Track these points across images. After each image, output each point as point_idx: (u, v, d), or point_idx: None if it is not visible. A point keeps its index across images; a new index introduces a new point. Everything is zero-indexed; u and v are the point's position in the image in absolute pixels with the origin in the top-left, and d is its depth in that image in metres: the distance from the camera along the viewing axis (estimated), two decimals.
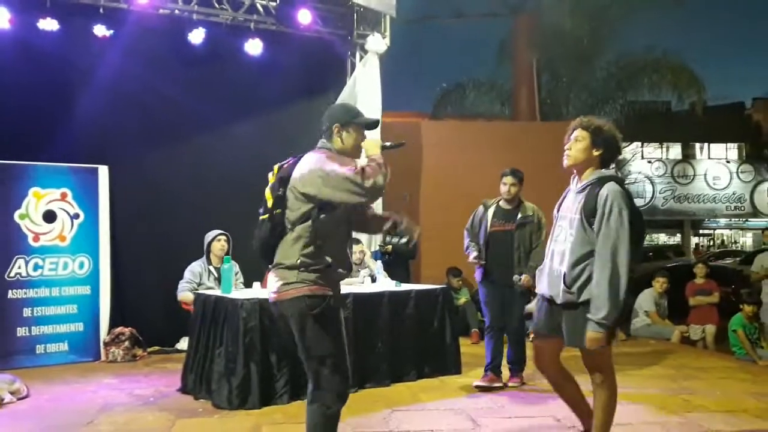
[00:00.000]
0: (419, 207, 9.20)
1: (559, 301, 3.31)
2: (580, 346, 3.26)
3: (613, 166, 3.43)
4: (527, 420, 4.55)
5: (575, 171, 3.40)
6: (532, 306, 3.77)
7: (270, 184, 3.09)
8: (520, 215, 5.38)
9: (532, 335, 5.47)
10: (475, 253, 5.45)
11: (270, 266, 3.08)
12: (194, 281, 6.62)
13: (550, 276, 3.40)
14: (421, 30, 17.65)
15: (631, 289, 3.17)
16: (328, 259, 2.98)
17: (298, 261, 2.94)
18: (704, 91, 14.94)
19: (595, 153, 3.34)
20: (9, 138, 6.45)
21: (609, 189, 3.20)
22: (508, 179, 5.41)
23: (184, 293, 6.55)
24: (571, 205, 3.36)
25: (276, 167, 3.14)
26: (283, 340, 4.95)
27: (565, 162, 3.39)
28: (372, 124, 3.22)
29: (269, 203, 3.04)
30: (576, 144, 3.35)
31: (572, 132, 3.40)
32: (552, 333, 3.42)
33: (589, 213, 3.21)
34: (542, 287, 3.47)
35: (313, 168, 2.92)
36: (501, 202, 5.49)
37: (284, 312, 3.02)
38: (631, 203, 3.25)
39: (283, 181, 3.01)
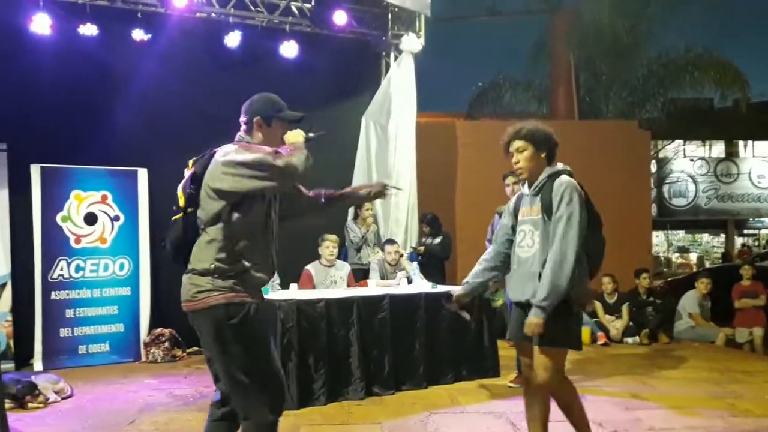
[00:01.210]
0: (455, 207, 9.14)
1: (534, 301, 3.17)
2: (548, 343, 3.14)
3: (565, 166, 3.39)
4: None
5: (530, 179, 3.38)
6: (457, 292, 3.72)
7: (182, 181, 2.84)
8: None
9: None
10: None
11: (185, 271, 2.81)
12: None
13: (521, 280, 3.30)
14: (456, 29, 17.59)
15: (672, 290, 3.08)
16: (246, 263, 2.69)
17: (212, 266, 2.66)
18: (748, 88, 14.58)
19: (542, 155, 3.34)
20: (51, 142, 6.61)
21: (560, 181, 3.23)
22: (510, 179, 5.34)
23: None
24: (529, 208, 3.35)
25: (191, 162, 2.89)
26: (320, 341, 4.98)
27: (522, 176, 3.39)
28: (296, 120, 3.01)
29: (180, 202, 2.81)
30: (522, 155, 3.35)
31: (508, 146, 3.42)
32: (526, 338, 3.24)
33: (548, 209, 3.21)
34: (514, 294, 3.38)
35: (222, 160, 2.68)
36: None
37: (198, 323, 2.72)
38: (582, 191, 3.23)
39: (196, 177, 2.77)
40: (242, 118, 2.99)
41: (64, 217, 6.58)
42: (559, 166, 3.35)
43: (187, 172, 2.86)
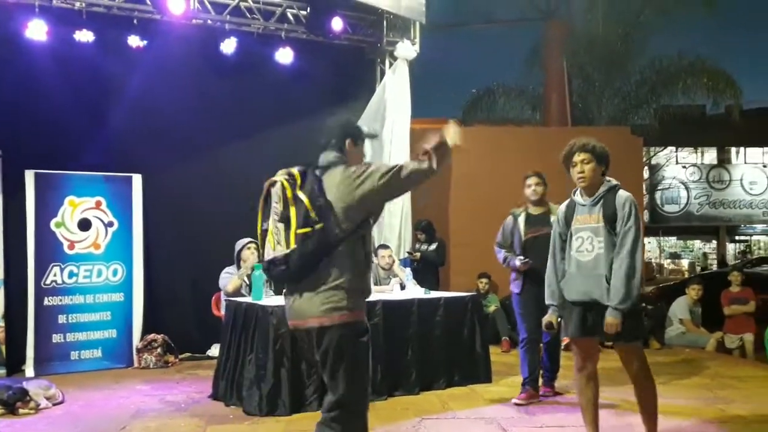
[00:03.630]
0: (448, 214, 9.17)
1: (604, 301, 3.56)
2: (623, 341, 3.61)
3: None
4: (559, 429, 4.50)
5: (588, 187, 3.76)
6: (548, 317, 3.88)
7: (306, 191, 2.79)
8: (552, 217, 5.18)
9: (565, 342, 5.44)
10: (520, 258, 5.24)
11: (293, 285, 2.86)
12: (231, 274, 6.49)
13: (584, 282, 3.66)
14: (451, 36, 17.60)
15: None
16: (365, 280, 2.89)
17: (346, 283, 2.77)
18: (740, 95, 14.66)
19: (602, 168, 3.75)
20: (45, 148, 6.63)
21: (624, 195, 3.66)
22: (533, 179, 5.31)
23: (232, 282, 6.32)
24: (587, 217, 3.73)
25: (296, 172, 2.88)
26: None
27: (583, 184, 3.76)
28: (373, 137, 3.23)
29: (312, 214, 2.73)
30: (586, 166, 3.72)
31: (572, 156, 3.75)
32: (587, 335, 3.71)
33: (611, 218, 3.62)
34: (575, 294, 3.71)
35: (360, 174, 2.79)
36: (530, 209, 5.37)
37: (329, 338, 2.78)
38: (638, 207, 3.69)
39: (317, 190, 2.80)
40: (330, 141, 3.02)
41: (57, 222, 6.58)
42: (614, 181, 3.75)
43: (285, 181, 2.85)
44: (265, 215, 2.91)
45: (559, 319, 3.88)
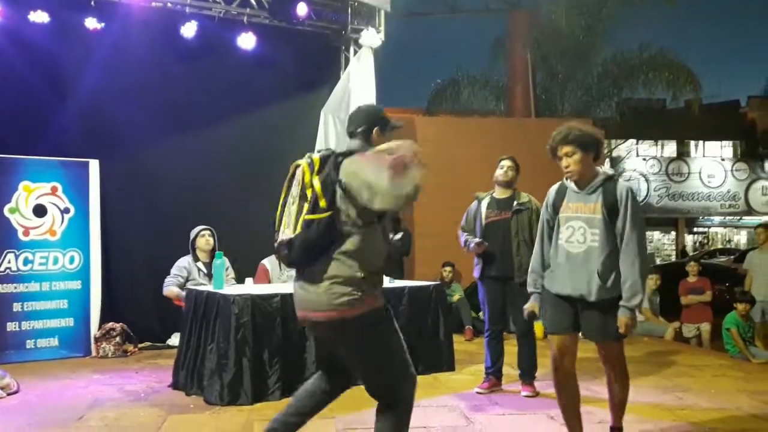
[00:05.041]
0: (413, 204, 9.15)
1: (592, 298, 3.40)
2: (611, 339, 3.47)
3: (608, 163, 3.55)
4: (520, 416, 4.53)
5: (579, 179, 3.52)
6: (530, 305, 3.70)
7: (321, 177, 2.74)
8: (516, 202, 5.16)
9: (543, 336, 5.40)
10: (476, 240, 5.16)
11: (299, 273, 2.86)
12: (180, 276, 6.52)
13: (573, 276, 3.46)
14: (416, 25, 17.64)
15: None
16: (377, 265, 2.84)
17: (361, 273, 2.73)
18: (700, 89, 14.93)
19: (590, 157, 3.49)
20: None
21: (624, 186, 3.45)
22: (507, 162, 5.20)
23: (170, 288, 6.48)
24: (581, 205, 3.48)
25: (316, 158, 2.82)
26: (275, 336, 4.94)
27: (573, 178, 3.52)
28: (398, 128, 3.10)
29: (321, 202, 2.70)
30: (571, 158, 3.46)
31: (556, 151, 3.51)
32: (569, 331, 3.54)
33: (610, 210, 3.39)
34: (562, 288, 3.51)
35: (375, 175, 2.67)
36: (495, 193, 5.30)
37: (340, 331, 2.79)
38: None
39: (333, 177, 2.74)
40: (356, 129, 3.01)
41: (12, 208, 6.40)
42: (611, 170, 3.58)
43: (306, 165, 2.81)
44: (287, 197, 2.87)
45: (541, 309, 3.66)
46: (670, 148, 29.59)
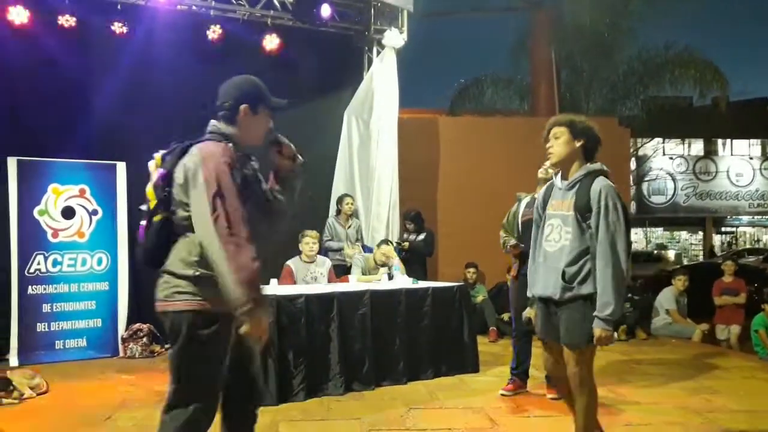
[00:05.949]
0: (436, 204, 9.15)
1: (557, 298, 3.23)
2: (575, 343, 3.19)
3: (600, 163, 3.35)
4: (546, 419, 4.50)
5: (561, 168, 3.38)
6: (529, 310, 3.58)
7: (153, 181, 2.63)
8: None
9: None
10: (512, 242, 5.10)
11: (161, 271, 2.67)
12: None
13: (546, 275, 3.31)
14: (439, 25, 17.63)
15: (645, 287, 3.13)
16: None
17: (195, 273, 2.52)
18: (727, 87, 14.73)
19: (577, 144, 3.30)
20: (28, 135, 6.53)
21: (601, 184, 3.19)
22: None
23: None
24: (560, 202, 3.32)
25: (158, 157, 2.69)
26: (300, 337, 4.96)
27: (551, 161, 3.37)
28: (282, 107, 2.74)
29: (152, 204, 2.60)
30: (556, 140, 3.33)
31: (548, 133, 3.39)
32: (551, 336, 3.35)
33: (582, 209, 3.19)
34: (538, 288, 3.38)
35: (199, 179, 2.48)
36: (536, 192, 5.27)
37: (171, 323, 2.58)
38: (620, 197, 3.23)
39: (168, 177, 2.59)
40: (223, 103, 2.66)
41: (41, 210, 6.50)
42: (597, 165, 3.31)
43: (155, 169, 2.66)
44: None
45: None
46: (697, 147, 29.17)
